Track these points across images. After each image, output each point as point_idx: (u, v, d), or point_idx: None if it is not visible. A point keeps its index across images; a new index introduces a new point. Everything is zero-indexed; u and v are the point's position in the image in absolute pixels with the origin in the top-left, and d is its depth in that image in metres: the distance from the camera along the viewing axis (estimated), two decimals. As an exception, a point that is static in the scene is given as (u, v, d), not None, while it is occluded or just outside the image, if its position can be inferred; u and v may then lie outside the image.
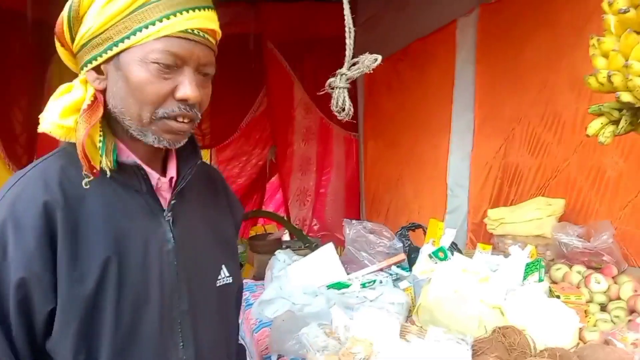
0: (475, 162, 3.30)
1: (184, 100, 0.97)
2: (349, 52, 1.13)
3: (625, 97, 1.21)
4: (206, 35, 0.99)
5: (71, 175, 0.99)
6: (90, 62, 0.99)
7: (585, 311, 1.85)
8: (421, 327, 1.64)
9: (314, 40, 4.69)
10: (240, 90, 4.92)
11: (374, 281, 2.01)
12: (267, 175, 5.38)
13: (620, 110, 1.32)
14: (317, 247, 3.15)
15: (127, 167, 1.02)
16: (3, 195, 0.96)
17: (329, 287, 1.99)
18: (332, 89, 1.17)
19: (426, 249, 1.98)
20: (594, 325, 1.78)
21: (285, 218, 5.21)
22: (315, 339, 1.42)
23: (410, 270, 2.01)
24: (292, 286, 1.98)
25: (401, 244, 2.24)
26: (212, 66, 1.02)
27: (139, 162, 1.03)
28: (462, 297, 1.70)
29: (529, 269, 1.89)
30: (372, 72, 1.14)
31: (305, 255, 2.30)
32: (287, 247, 3.42)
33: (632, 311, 1.82)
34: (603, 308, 1.91)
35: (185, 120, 1.00)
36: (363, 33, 4.72)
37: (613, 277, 1.99)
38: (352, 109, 1.13)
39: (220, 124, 4.94)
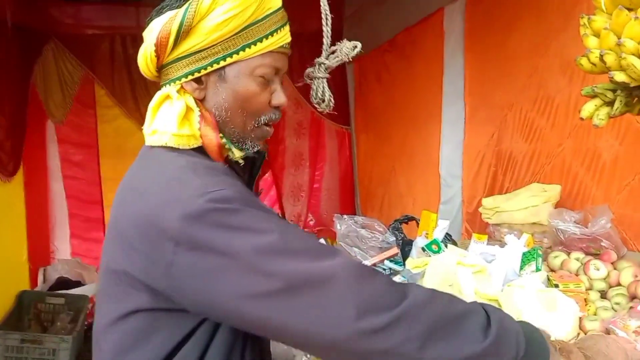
0: (468, 151, 3.26)
1: (277, 107, 1.07)
2: (326, 40, 1.08)
3: (620, 76, 1.16)
4: (289, 48, 1.09)
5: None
6: (192, 73, 1.02)
7: (585, 299, 1.80)
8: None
9: (301, 34, 4.61)
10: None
11: (368, 277, 1.95)
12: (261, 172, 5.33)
13: (614, 90, 1.27)
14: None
15: (235, 165, 1.08)
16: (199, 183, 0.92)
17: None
18: (311, 79, 1.11)
19: (419, 242, 1.93)
20: (595, 314, 1.73)
21: (279, 214, 5.16)
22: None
23: (404, 264, 1.95)
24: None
25: (394, 238, 2.19)
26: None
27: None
28: (457, 290, 1.65)
29: (526, 258, 1.84)
30: (351, 60, 1.09)
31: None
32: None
33: (633, 297, 1.77)
34: (603, 295, 1.86)
35: (272, 125, 1.09)
36: (351, 25, 4.68)
37: (612, 263, 1.94)
38: (332, 100, 1.08)
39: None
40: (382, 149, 4.49)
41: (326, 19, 1.09)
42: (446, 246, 1.86)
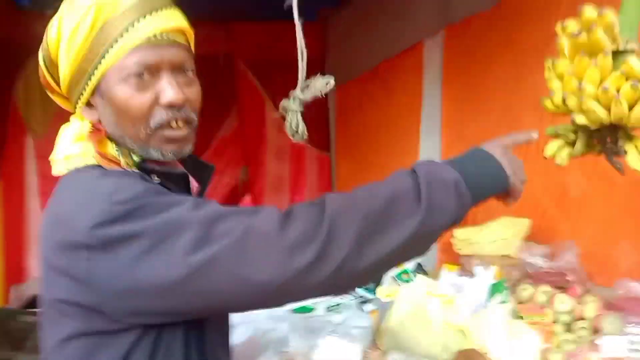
0: (444, 182, 3.29)
1: (170, 105, 0.96)
2: (301, 74, 1.11)
3: (580, 119, 1.22)
4: (171, 36, 0.97)
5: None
6: (78, 99, 1.00)
7: (551, 332, 1.84)
8: (384, 352, 1.61)
9: (284, 59, 4.66)
10: (210, 109, 4.81)
11: (340, 304, 1.98)
12: (240, 194, 5.33)
13: (576, 132, 1.33)
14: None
15: (174, 177, 1.02)
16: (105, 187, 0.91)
17: (295, 310, 1.95)
18: (287, 111, 1.14)
19: (391, 271, 1.96)
20: (558, 347, 1.77)
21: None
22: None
23: (375, 292, 1.98)
24: (257, 311, 1.94)
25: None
26: (190, 62, 1.01)
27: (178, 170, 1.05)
28: (426, 320, 1.68)
29: (494, 289, 1.88)
30: (324, 96, 1.12)
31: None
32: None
33: (596, 331, 1.82)
34: (568, 328, 1.90)
35: (180, 125, 0.98)
36: (334, 53, 4.77)
37: (578, 297, 1.99)
38: (305, 132, 1.11)
39: (191, 143, 4.91)
40: (361, 176, 4.52)
41: (302, 54, 1.12)
42: (416, 275, 1.90)
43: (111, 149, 0.98)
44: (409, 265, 1.96)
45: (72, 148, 0.99)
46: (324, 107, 4.99)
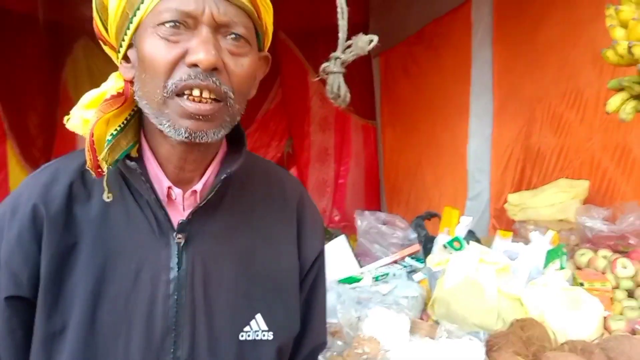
0: (496, 146, 3.20)
1: (194, 66, 0.78)
2: (342, 34, 1.04)
3: (646, 68, 1.12)
4: None
5: (88, 177, 0.86)
6: (119, 51, 0.86)
7: (611, 298, 1.75)
8: (435, 321, 1.57)
9: (326, 28, 4.59)
10: (254, 82, 4.88)
11: (387, 274, 1.93)
12: (285, 167, 5.34)
13: (641, 83, 1.22)
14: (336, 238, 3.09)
15: (133, 172, 0.85)
16: (18, 189, 0.88)
17: (340, 281, 1.92)
18: (327, 74, 1.08)
19: (441, 239, 1.90)
20: (621, 314, 1.68)
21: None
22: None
23: (425, 261, 1.93)
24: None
25: (415, 235, 2.16)
26: (243, 26, 0.82)
27: (128, 165, 0.86)
28: (479, 289, 1.62)
29: (551, 256, 1.80)
30: (369, 53, 1.05)
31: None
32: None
33: (662, 297, 1.72)
34: (631, 294, 1.80)
35: (205, 98, 0.78)
36: (377, 18, 4.64)
37: (642, 261, 1.88)
38: (348, 95, 1.05)
39: (236, 117, 4.95)
40: (408, 143, 4.45)
41: (342, 12, 1.05)
42: (468, 243, 1.83)
43: (112, 127, 0.84)
44: (461, 232, 1.88)
45: (86, 113, 0.88)
46: (368, 74, 4.90)
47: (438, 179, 3.93)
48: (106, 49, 0.92)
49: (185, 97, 0.79)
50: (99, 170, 0.82)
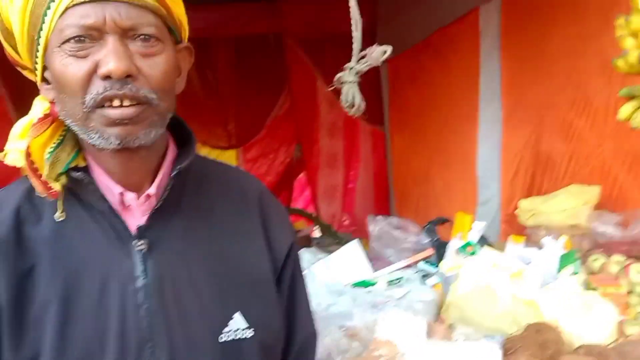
0: (506, 152, 3.22)
1: (108, 77, 0.76)
2: (356, 45, 1.08)
3: (658, 77, 1.14)
4: None
5: (36, 200, 0.84)
6: (36, 74, 0.85)
7: (626, 303, 1.76)
8: (450, 325, 1.59)
9: (334, 35, 4.63)
10: (263, 88, 4.92)
11: (401, 278, 1.96)
12: (295, 172, 5.37)
13: (653, 91, 1.25)
14: (347, 242, 3.11)
15: (81, 183, 0.83)
16: None
17: (355, 285, 1.94)
18: (342, 83, 1.12)
19: (454, 244, 1.92)
20: (635, 318, 1.70)
21: (314, 215, 5.18)
22: (336, 341, 1.38)
23: (438, 266, 1.95)
24: (317, 285, 1.94)
25: (428, 240, 2.18)
26: (151, 26, 0.80)
27: (75, 173, 0.83)
28: (492, 294, 1.64)
29: (564, 261, 1.82)
30: (381, 64, 1.09)
31: (334, 251, 2.26)
32: (317, 244, 3.39)
33: (675, 302, 1.73)
34: (645, 299, 1.82)
35: (126, 104, 0.77)
36: (385, 25, 4.67)
37: (654, 267, 1.90)
38: (363, 104, 1.09)
39: (246, 123, 4.97)
40: (417, 150, 4.46)
41: (356, 24, 1.08)
42: (480, 248, 1.85)
43: (48, 146, 0.83)
44: (473, 237, 1.91)
45: (20, 143, 0.83)
46: (376, 80, 4.93)
47: (447, 185, 3.94)
48: (26, 73, 0.90)
49: (105, 107, 0.78)
50: (52, 192, 0.81)
